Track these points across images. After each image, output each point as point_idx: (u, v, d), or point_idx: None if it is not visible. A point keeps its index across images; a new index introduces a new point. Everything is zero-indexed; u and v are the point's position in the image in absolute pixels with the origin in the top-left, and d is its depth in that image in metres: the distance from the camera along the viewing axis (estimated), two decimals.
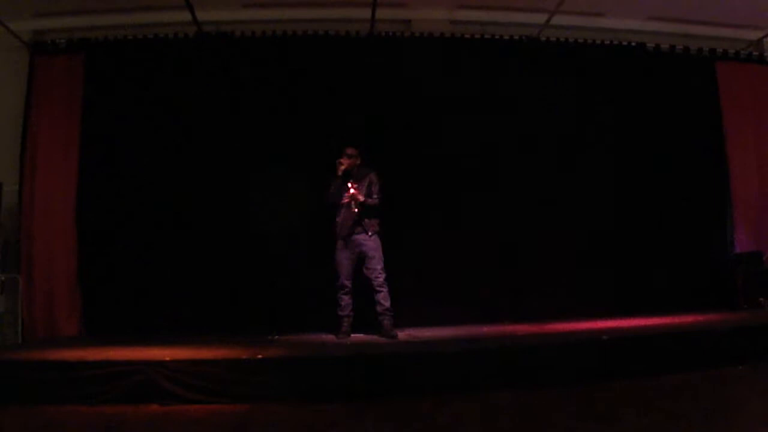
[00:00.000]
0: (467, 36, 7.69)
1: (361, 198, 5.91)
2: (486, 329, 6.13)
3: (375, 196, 5.99)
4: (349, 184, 5.96)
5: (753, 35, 8.24)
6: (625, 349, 4.69)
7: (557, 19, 7.51)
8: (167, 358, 4.31)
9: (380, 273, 5.89)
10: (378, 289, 5.86)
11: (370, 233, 5.92)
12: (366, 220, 5.95)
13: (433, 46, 7.56)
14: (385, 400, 4.06)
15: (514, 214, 7.24)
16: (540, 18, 7.56)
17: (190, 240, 6.89)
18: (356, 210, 5.91)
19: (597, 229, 7.36)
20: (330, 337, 5.91)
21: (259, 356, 4.41)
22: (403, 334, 5.81)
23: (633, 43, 7.99)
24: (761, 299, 7.17)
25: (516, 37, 7.76)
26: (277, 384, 4.20)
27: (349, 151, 6.10)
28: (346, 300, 5.94)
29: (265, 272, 6.85)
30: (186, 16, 6.98)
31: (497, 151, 7.40)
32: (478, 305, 6.92)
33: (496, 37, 7.73)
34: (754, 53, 8.35)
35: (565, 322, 6.32)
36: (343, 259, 5.99)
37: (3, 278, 6.66)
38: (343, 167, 6.01)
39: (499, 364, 4.45)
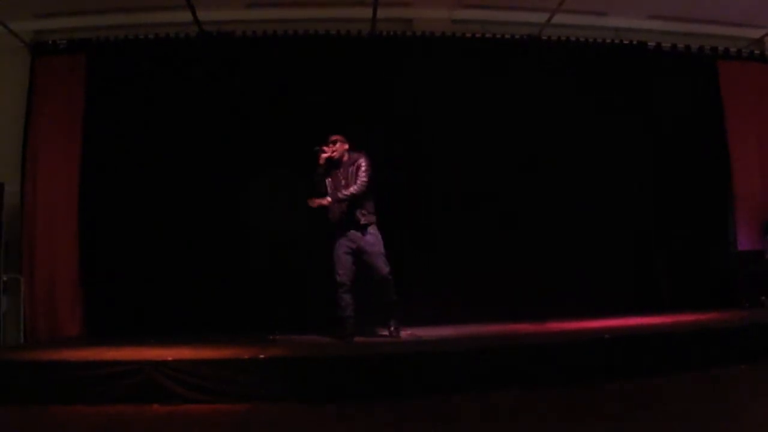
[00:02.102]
0: (468, 35, 7.69)
1: (340, 196, 5.48)
2: (487, 329, 6.12)
3: (359, 182, 5.49)
4: (327, 181, 5.65)
5: (755, 33, 8.23)
6: (627, 348, 4.67)
7: (558, 18, 7.50)
8: (169, 358, 4.32)
9: (383, 266, 5.50)
10: (380, 282, 5.52)
11: (363, 225, 5.52)
12: (358, 212, 5.53)
13: (434, 45, 7.57)
14: (387, 400, 4.05)
15: (514, 213, 7.24)
16: (541, 17, 7.56)
17: (192, 240, 6.90)
18: (343, 205, 5.54)
19: (598, 228, 7.37)
20: (331, 338, 5.88)
21: (261, 356, 4.41)
22: (405, 334, 5.79)
23: (634, 42, 7.98)
24: (763, 298, 7.17)
25: (517, 36, 7.76)
26: (278, 384, 4.20)
27: (333, 137, 5.68)
28: (346, 299, 5.55)
29: (265, 272, 6.86)
30: (187, 16, 6.98)
31: (498, 149, 7.39)
32: (480, 305, 6.92)
33: (498, 36, 7.72)
34: (756, 51, 8.33)
35: (566, 321, 6.30)
36: (342, 254, 5.56)
37: (5, 279, 6.68)
38: (325, 155, 5.58)
39: (501, 364, 4.43)
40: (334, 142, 5.69)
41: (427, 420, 3.68)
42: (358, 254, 5.59)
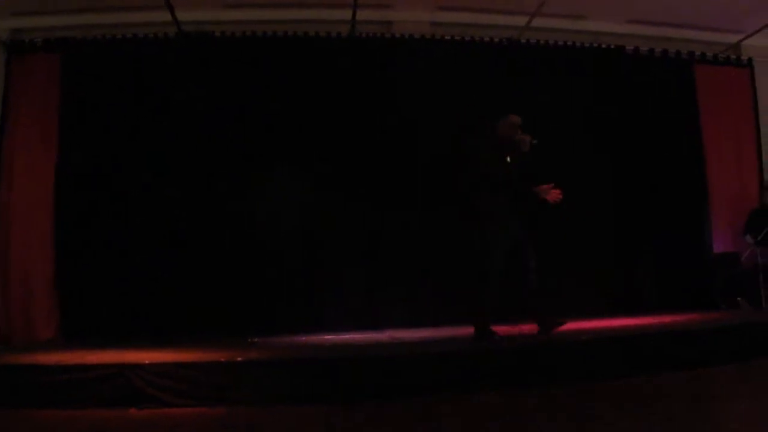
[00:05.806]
0: (448, 38, 7.70)
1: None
2: (468, 330, 6.09)
3: None
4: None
5: (731, 38, 8.34)
6: (606, 349, 4.69)
7: (537, 22, 7.54)
8: (146, 361, 4.26)
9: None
10: (533, 270, 5.30)
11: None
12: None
13: (414, 47, 7.57)
14: (370, 402, 4.03)
15: None
16: (521, 20, 7.59)
17: (169, 243, 6.84)
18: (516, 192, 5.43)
19: (576, 230, 7.40)
20: (308, 339, 5.82)
21: (239, 359, 4.38)
22: (384, 335, 5.77)
23: (612, 46, 8.05)
24: (739, 299, 7.26)
25: (497, 40, 7.80)
26: (257, 386, 4.16)
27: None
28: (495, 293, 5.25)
29: (243, 275, 6.81)
30: (166, 16, 6.92)
31: None
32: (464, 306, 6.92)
33: (477, 39, 7.75)
34: (732, 56, 8.45)
35: None
36: (502, 243, 5.20)
37: None
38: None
39: (488, 366, 4.42)
40: None
41: (411, 421, 3.67)
42: (514, 244, 5.30)
